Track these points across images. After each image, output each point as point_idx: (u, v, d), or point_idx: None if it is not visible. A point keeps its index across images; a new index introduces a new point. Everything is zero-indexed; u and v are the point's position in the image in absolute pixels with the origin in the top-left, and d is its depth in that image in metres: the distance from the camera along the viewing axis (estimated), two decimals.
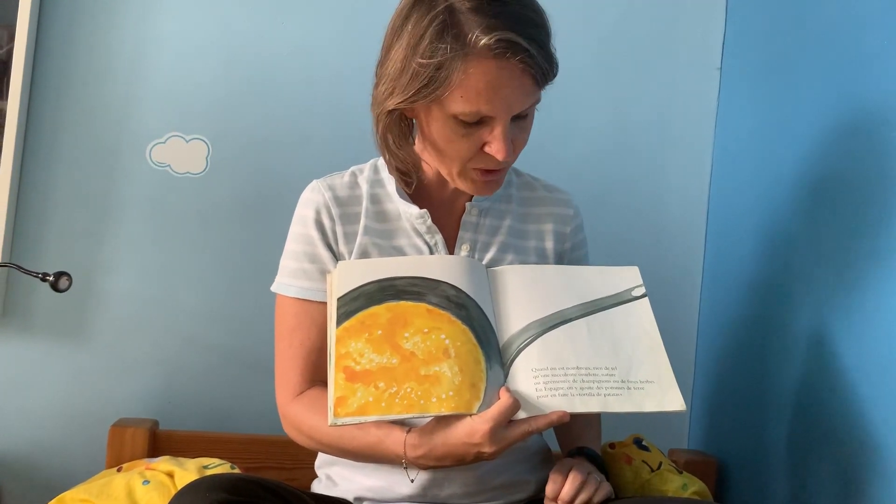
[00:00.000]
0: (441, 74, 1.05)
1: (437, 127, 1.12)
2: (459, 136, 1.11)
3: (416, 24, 1.07)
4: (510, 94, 1.07)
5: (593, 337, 1.11)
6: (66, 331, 1.66)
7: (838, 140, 1.35)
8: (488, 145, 1.11)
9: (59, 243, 1.66)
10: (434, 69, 1.05)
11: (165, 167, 1.69)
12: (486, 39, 1.03)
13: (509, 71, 1.05)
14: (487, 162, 1.13)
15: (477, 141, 1.11)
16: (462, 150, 1.12)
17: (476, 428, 1.01)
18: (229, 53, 1.71)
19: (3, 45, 1.60)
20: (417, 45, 1.06)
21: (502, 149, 1.10)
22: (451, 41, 1.04)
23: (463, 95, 1.06)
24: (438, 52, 1.05)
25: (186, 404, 1.68)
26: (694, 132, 1.82)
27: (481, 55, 1.04)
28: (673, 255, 1.81)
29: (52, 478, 1.63)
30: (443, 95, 1.07)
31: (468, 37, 1.04)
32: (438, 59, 1.05)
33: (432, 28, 1.05)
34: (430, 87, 1.06)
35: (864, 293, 1.25)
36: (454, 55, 1.04)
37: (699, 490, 1.43)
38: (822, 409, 1.32)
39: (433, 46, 1.05)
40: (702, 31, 1.82)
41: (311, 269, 1.21)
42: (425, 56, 1.05)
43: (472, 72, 1.04)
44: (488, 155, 1.12)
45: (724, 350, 1.69)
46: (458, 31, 1.04)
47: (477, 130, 1.10)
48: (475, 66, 1.04)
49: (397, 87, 1.09)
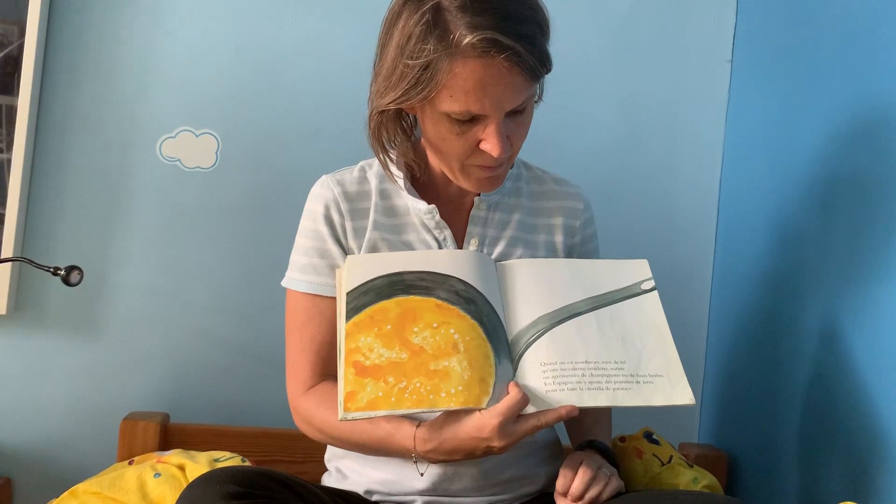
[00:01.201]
0: (427, 75, 1.05)
1: (432, 125, 1.12)
2: (454, 134, 1.10)
3: (405, 24, 1.06)
4: (499, 92, 1.06)
5: (602, 331, 1.11)
6: (77, 325, 1.67)
7: (850, 134, 1.34)
8: (483, 142, 1.10)
9: (70, 238, 1.66)
10: (420, 70, 1.05)
11: (175, 161, 1.70)
12: (470, 38, 1.02)
13: (496, 69, 1.04)
14: (485, 159, 1.13)
15: (472, 139, 1.10)
16: (458, 148, 1.12)
17: (485, 422, 1.01)
18: (239, 48, 1.71)
19: (14, 40, 1.60)
20: (405, 45, 1.06)
21: (497, 146, 1.09)
22: (435, 42, 1.03)
23: (451, 95, 1.05)
24: (424, 53, 1.04)
25: (197, 398, 1.69)
26: (704, 125, 1.81)
27: (466, 54, 1.03)
28: (683, 249, 1.80)
29: (64, 471, 1.64)
30: (431, 95, 1.06)
31: (452, 36, 1.03)
32: (424, 59, 1.04)
33: (419, 28, 1.04)
34: (417, 88, 1.06)
35: (875, 288, 1.24)
36: (439, 55, 1.03)
37: (710, 484, 1.43)
38: (832, 403, 1.32)
39: (419, 47, 1.04)
40: (712, 23, 1.81)
41: (321, 264, 1.21)
42: (412, 57, 1.05)
43: (458, 71, 1.04)
44: (484, 152, 1.11)
45: (735, 344, 1.68)
46: (442, 31, 1.03)
47: (471, 128, 1.09)
48: (461, 65, 1.03)
49: (388, 86, 1.09)
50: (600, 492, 1.11)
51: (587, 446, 1.22)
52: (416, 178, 1.22)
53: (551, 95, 1.20)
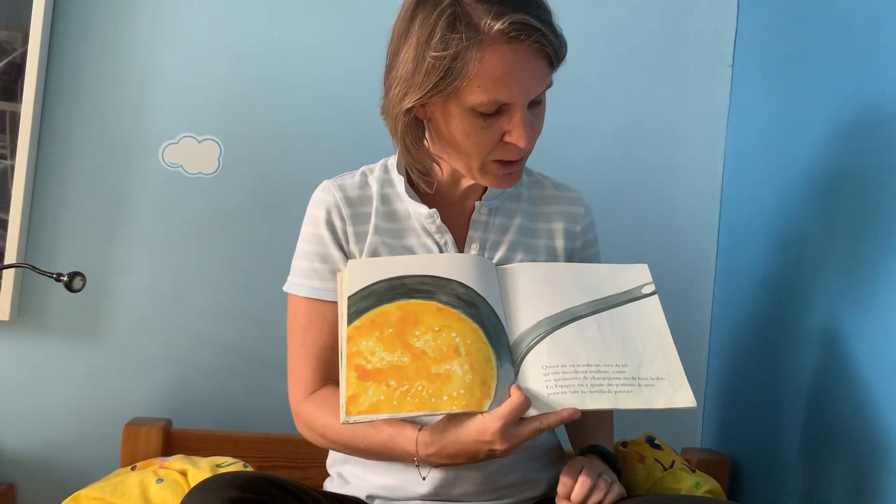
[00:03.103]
0: (457, 65, 1.05)
1: (456, 123, 1.12)
2: (479, 128, 1.11)
3: (424, 22, 1.07)
4: (527, 78, 1.07)
5: (603, 334, 1.11)
6: (80, 330, 1.67)
7: (851, 137, 1.35)
8: (508, 134, 1.11)
9: (72, 244, 1.67)
10: (450, 60, 1.05)
11: (178, 167, 1.70)
12: (500, 24, 1.04)
13: (524, 54, 1.06)
14: (508, 153, 1.13)
15: (497, 132, 1.11)
16: (483, 143, 1.12)
17: (487, 426, 1.01)
18: (241, 54, 1.72)
19: (18, 47, 1.61)
20: (429, 40, 1.06)
21: (523, 135, 1.10)
22: (465, 30, 1.05)
23: (480, 85, 1.06)
24: (452, 43, 1.05)
25: (200, 403, 1.69)
26: (706, 129, 1.81)
27: (496, 41, 1.05)
28: (685, 253, 1.80)
29: (66, 476, 1.64)
30: (460, 87, 1.07)
31: (480, 24, 1.05)
32: (453, 49, 1.05)
33: (442, 21, 1.05)
34: (446, 80, 1.07)
35: (877, 291, 1.24)
36: (469, 44, 1.05)
37: (712, 489, 1.42)
38: (835, 407, 1.32)
39: (446, 38, 1.05)
40: (713, 27, 1.81)
41: (323, 268, 1.22)
42: (438, 49, 1.06)
43: (488, 59, 1.05)
44: (508, 145, 1.12)
45: (737, 348, 1.68)
46: (469, 21, 1.05)
47: (496, 121, 1.10)
48: (490, 53, 1.05)
49: (412, 86, 1.09)
50: (601, 500, 1.11)
51: (589, 451, 1.22)
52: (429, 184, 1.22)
53: (553, 100, 1.20)
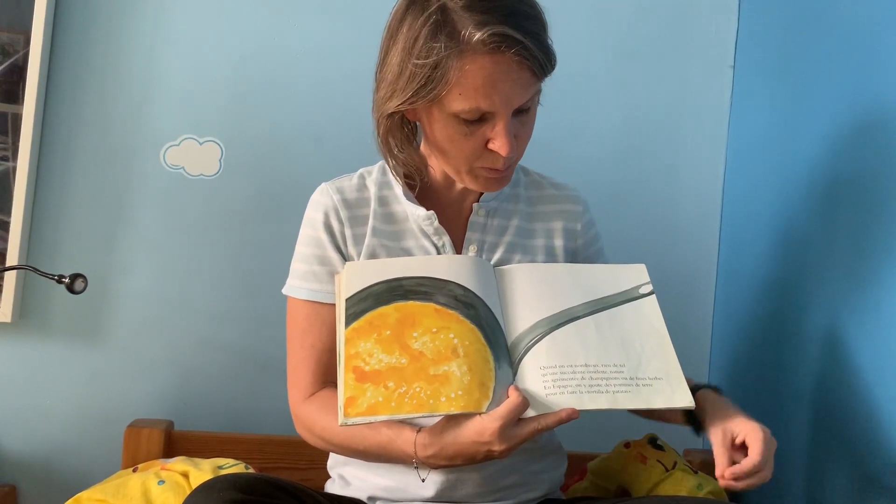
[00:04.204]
0: (437, 74, 1.05)
1: (440, 128, 1.12)
2: (462, 135, 1.11)
3: (411, 26, 1.07)
4: (509, 89, 1.07)
5: (601, 334, 1.11)
6: (81, 332, 1.67)
7: (852, 138, 1.34)
8: (491, 142, 1.11)
9: (74, 245, 1.67)
10: (430, 69, 1.05)
11: (179, 169, 1.70)
12: (480, 35, 1.03)
13: (505, 65, 1.05)
14: (493, 160, 1.13)
15: (480, 139, 1.11)
16: (466, 150, 1.12)
17: (485, 427, 1.01)
18: (242, 56, 1.72)
19: (19, 49, 1.61)
20: (413, 46, 1.07)
21: (505, 144, 1.09)
22: (445, 39, 1.04)
23: (461, 93, 1.06)
24: (434, 52, 1.05)
25: (201, 405, 1.69)
26: (707, 130, 1.81)
27: (476, 51, 1.04)
28: (687, 253, 1.80)
29: (68, 478, 1.64)
30: (441, 95, 1.07)
31: (461, 33, 1.04)
32: (434, 58, 1.05)
33: (426, 28, 1.05)
34: (427, 88, 1.07)
35: (879, 291, 1.24)
36: (449, 53, 1.04)
37: (714, 490, 1.42)
38: (837, 408, 1.31)
39: (428, 46, 1.05)
40: (714, 28, 1.81)
41: (321, 271, 1.22)
42: (421, 57, 1.06)
43: (469, 68, 1.05)
44: (493, 153, 1.12)
45: (739, 349, 1.68)
46: (451, 29, 1.05)
47: (479, 128, 1.10)
48: (471, 62, 1.04)
49: (396, 89, 1.10)
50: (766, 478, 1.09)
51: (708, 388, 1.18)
52: (411, 186, 1.22)
53: (554, 101, 1.20)
